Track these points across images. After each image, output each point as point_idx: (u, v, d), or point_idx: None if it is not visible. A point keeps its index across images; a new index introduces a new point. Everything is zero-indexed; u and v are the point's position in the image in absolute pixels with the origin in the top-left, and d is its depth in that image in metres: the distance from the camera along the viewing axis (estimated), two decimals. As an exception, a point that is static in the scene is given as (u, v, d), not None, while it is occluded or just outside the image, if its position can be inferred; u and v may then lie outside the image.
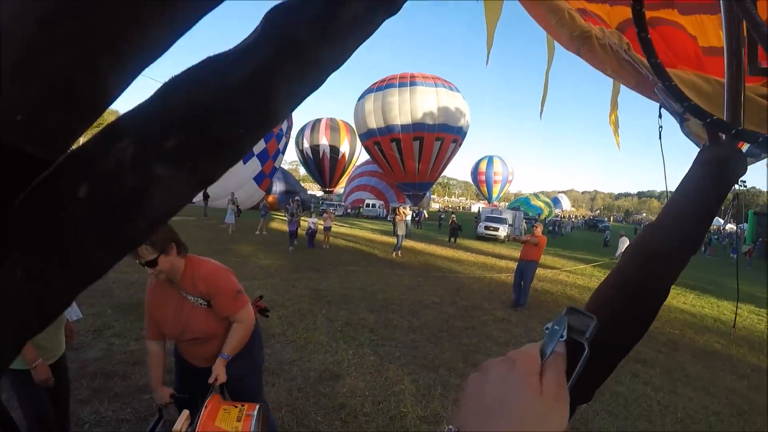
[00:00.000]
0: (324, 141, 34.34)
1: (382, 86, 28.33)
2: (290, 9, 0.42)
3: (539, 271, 9.42)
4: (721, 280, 14.91)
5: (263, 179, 24.73)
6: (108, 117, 0.39)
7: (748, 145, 0.96)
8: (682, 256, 0.69)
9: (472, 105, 32.41)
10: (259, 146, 23.58)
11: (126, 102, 0.43)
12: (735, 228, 39.90)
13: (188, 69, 0.39)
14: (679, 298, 10.58)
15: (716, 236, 47.06)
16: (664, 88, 0.68)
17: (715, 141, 0.76)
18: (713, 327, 8.06)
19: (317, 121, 35.04)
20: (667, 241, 0.68)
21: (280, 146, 25.46)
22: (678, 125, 1.33)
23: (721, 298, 11.26)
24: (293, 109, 0.46)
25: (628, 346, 0.63)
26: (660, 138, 1.14)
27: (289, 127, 26.46)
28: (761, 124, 1.65)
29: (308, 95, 0.45)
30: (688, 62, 2.04)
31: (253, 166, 23.74)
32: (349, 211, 34.89)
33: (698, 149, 0.78)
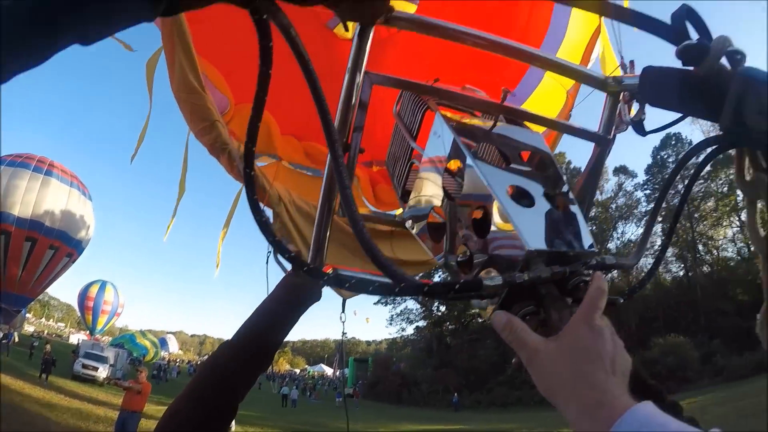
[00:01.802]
0: None
1: (15, 162, 21.84)
2: None
3: (144, 422, 8.35)
4: (326, 422, 16.95)
5: None
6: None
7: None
8: (252, 371, 0.81)
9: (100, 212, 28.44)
10: None
11: None
12: (338, 373, 48.39)
13: None
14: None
15: (320, 381, 53.15)
16: (257, 223, 0.71)
17: (298, 271, 0.88)
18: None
19: None
20: (240, 358, 0.79)
21: None
22: None
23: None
24: None
25: None
26: (267, 263, 1.33)
27: None
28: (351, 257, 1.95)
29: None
30: None
31: None
32: None
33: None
